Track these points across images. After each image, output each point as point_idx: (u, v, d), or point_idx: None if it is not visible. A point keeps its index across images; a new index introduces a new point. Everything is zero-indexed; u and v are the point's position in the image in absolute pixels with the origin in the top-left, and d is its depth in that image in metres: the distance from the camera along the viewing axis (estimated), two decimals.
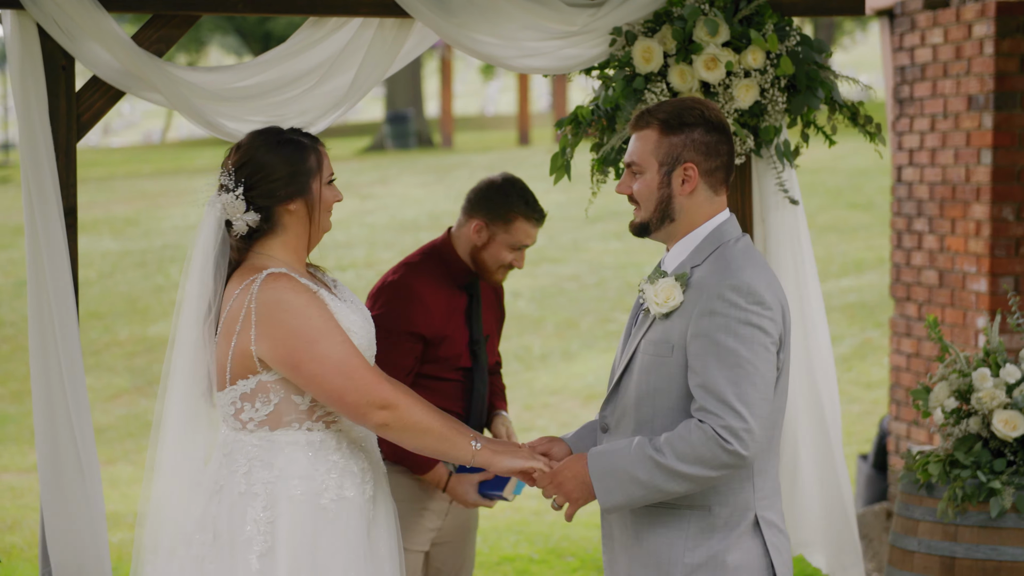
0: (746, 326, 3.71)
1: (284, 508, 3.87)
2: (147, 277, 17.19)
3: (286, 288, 3.85)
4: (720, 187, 3.92)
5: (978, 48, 7.01)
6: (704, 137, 3.88)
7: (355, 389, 3.81)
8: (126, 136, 44.92)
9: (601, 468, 3.76)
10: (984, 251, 6.99)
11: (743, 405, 3.66)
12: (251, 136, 4.01)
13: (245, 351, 3.86)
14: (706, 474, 3.66)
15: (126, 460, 11.71)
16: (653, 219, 3.90)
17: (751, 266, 3.80)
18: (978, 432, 4.97)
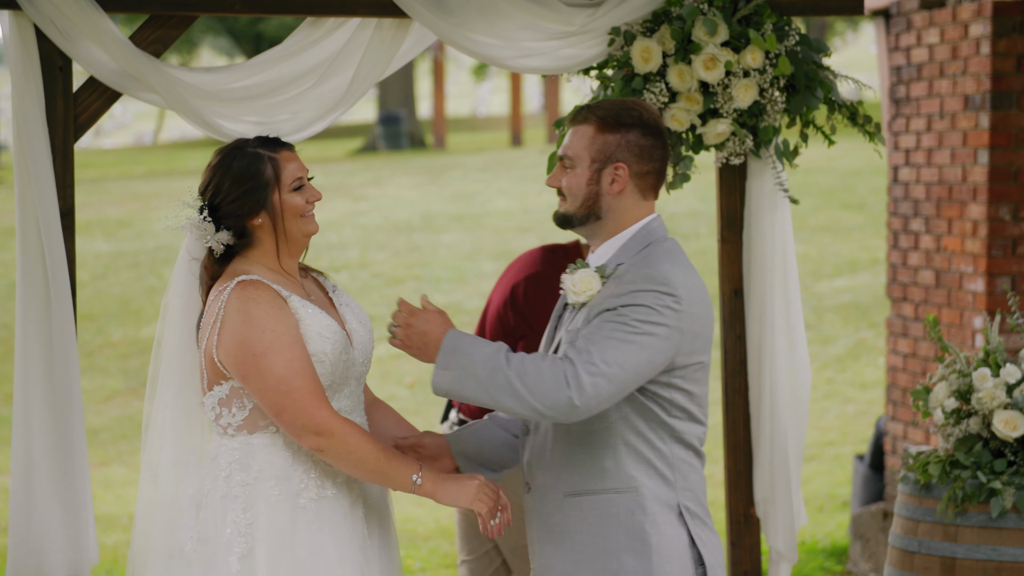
0: (643, 308, 3.72)
1: (262, 509, 3.87)
2: (140, 279, 17.16)
3: (249, 298, 3.86)
4: (650, 192, 3.94)
5: (975, 48, 7.00)
6: (640, 139, 3.90)
7: (291, 410, 3.81)
8: (118, 138, 44.85)
9: (454, 345, 3.74)
10: (981, 251, 6.99)
11: (603, 363, 3.66)
12: (215, 153, 4.04)
13: (212, 358, 3.90)
14: (533, 404, 3.65)
15: (120, 462, 11.69)
16: (578, 214, 3.92)
17: (671, 263, 3.82)
18: (978, 432, 4.96)
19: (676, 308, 3.74)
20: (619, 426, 3.80)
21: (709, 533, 3.88)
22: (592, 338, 3.71)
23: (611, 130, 3.89)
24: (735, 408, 5.22)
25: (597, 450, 3.80)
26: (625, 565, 3.79)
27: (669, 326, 3.73)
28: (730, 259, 5.21)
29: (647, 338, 3.70)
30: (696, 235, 17.36)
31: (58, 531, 4.59)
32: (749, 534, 5.23)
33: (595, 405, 3.66)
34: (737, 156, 5.05)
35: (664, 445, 3.82)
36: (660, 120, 3.94)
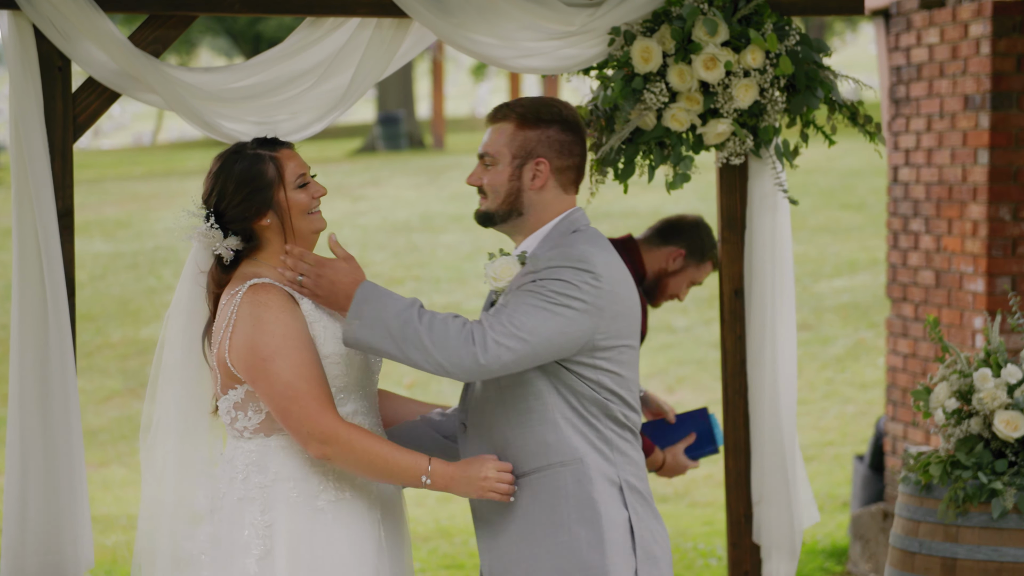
0: (560, 281, 3.75)
1: (281, 510, 3.87)
2: (139, 279, 17.14)
3: (260, 301, 3.85)
4: (570, 186, 3.98)
5: (975, 48, 7.00)
6: (559, 135, 3.94)
7: (296, 415, 3.80)
8: (116, 138, 44.82)
9: (368, 294, 3.77)
10: (981, 251, 6.98)
11: (512, 326, 3.69)
12: (215, 159, 4.03)
13: (225, 362, 3.89)
14: (438, 359, 3.68)
15: (119, 462, 11.68)
16: (500, 210, 3.95)
17: (591, 244, 3.85)
18: (979, 433, 4.95)
19: (595, 284, 3.78)
20: (555, 401, 3.83)
21: (648, 510, 3.90)
22: (506, 305, 3.76)
23: (531, 126, 3.94)
24: (735, 408, 5.21)
25: (537, 427, 3.83)
26: (577, 536, 3.81)
27: (586, 301, 3.76)
28: (730, 259, 5.20)
29: (561, 308, 3.74)
30: None
31: (53, 533, 4.58)
32: (749, 535, 5.22)
33: (498, 366, 3.69)
34: (737, 156, 5.04)
35: (599, 423, 3.86)
36: (579, 117, 3.99)
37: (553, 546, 3.82)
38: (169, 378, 4.04)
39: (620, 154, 5.02)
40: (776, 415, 5.14)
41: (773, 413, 5.14)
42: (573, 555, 3.81)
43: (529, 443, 3.84)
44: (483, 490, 3.82)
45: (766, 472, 5.15)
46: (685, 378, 12.84)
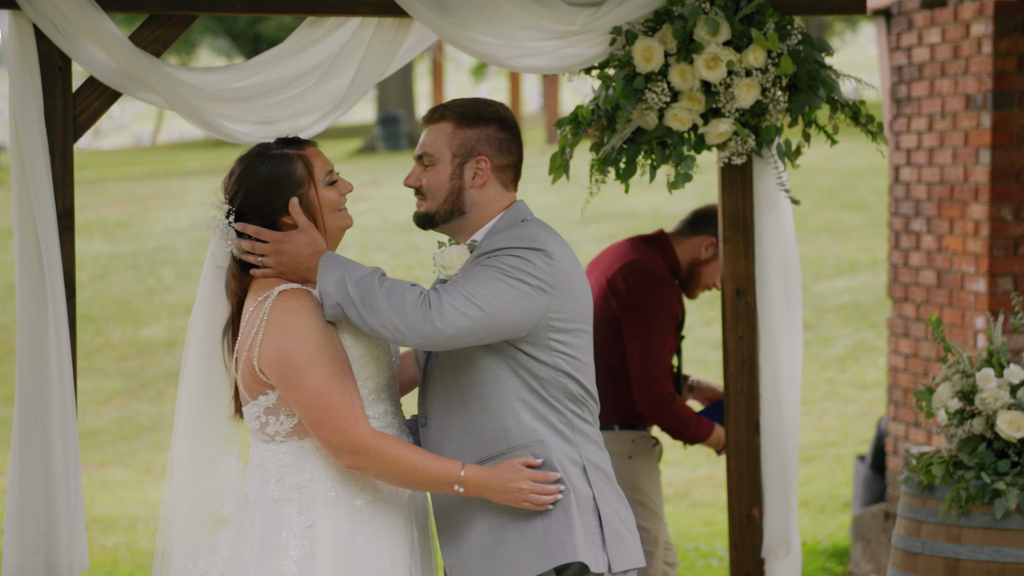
0: (515, 258, 3.78)
1: (321, 511, 3.83)
2: (139, 280, 17.13)
3: (291, 308, 3.81)
4: (510, 184, 4.01)
5: (976, 47, 6.99)
6: (498, 133, 3.97)
7: (328, 425, 3.78)
8: (116, 139, 44.81)
9: (332, 262, 3.80)
10: (983, 251, 6.97)
11: (467, 294, 3.72)
12: (237, 162, 3.99)
13: (254, 369, 3.85)
14: (394, 322, 3.70)
15: (119, 463, 11.67)
16: (441, 210, 3.96)
17: (543, 229, 3.88)
18: (982, 433, 4.94)
19: (548, 263, 3.80)
20: (513, 385, 3.84)
21: (612, 490, 3.91)
22: (462, 277, 3.79)
23: (470, 125, 3.96)
24: (737, 409, 5.20)
25: (495, 412, 3.84)
26: (544, 515, 3.82)
27: (539, 278, 3.79)
28: (733, 259, 5.19)
29: (516, 282, 3.76)
30: None
31: (49, 534, 4.57)
32: (751, 535, 5.21)
33: (454, 331, 3.70)
34: (739, 156, 5.03)
35: (559, 404, 3.87)
36: (514, 117, 4.01)
37: (527, 532, 3.82)
38: (189, 379, 3.99)
39: (621, 154, 5.01)
40: (779, 416, 5.13)
41: (777, 414, 5.13)
42: (542, 534, 3.81)
43: (488, 429, 3.86)
44: (519, 500, 3.82)
45: (769, 473, 5.14)
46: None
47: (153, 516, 9.94)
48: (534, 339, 3.83)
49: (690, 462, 10.85)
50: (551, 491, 3.82)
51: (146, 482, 11.17)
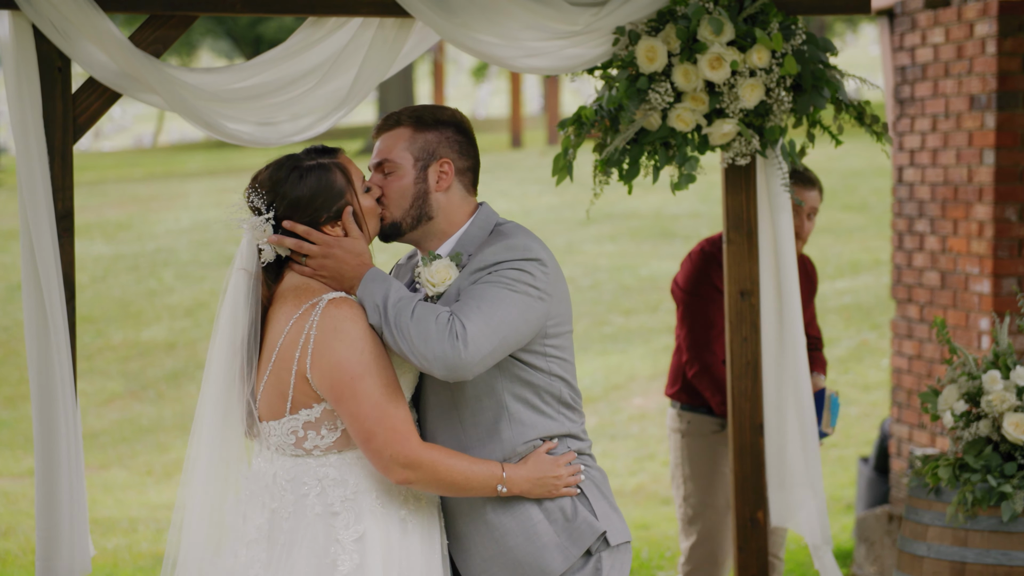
0: (515, 271, 3.75)
1: (370, 522, 3.77)
2: (140, 281, 17.11)
3: (345, 316, 3.74)
4: (471, 188, 3.97)
5: (980, 47, 6.96)
6: (456, 136, 3.94)
7: (382, 438, 3.71)
8: (117, 140, 44.82)
9: (376, 276, 3.76)
10: (987, 252, 6.94)
11: (486, 320, 3.67)
12: (270, 172, 3.87)
13: (304, 379, 3.76)
14: (421, 351, 3.65)
15: (120, 465, 11.65)
16: (407, 218, 3.91)
17: (527, 236, 3.85)
18: (988, 435, 4.92)
19: (544, 271, 3.79)
20: (508, 396, 3.83)
21: (598, 493, 3.89)
22: (472, 297, 3.73)
23: (429, 129, 3.92)
24: (741, 412, 5.17)
25: (492, 425, 3.83)
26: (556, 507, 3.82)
27: (539, 288, 3.77)
28: (736, 260, 5.16)
29: (522, 296, 3.74)
30: (697, 236, 17.32)
31: (52, 539, 4.56)
32: (756, 538, 5.18)
33: (478, 360, 3.67)
34: (743, 156, 5.01)
35: (553, 410, 3.86)
36: (468, 121, 3.99)
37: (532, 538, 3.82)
38: (213, 391, 3.86)
39: (625, 154, 4.99)
40: (783, 417, 5.10)
41: (784, 416, 5.10)
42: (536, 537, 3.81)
43: (486, 442, 3.84)
44: (556, 489, 3.82)
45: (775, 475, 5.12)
46: None
47: (154, 518, 9.92)
48: (530, 346, 3.82)
49: None
50: (577, 469, 3.84)
51: (147, 484, 11.15)
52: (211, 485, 3.86)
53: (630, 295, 15.33)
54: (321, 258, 3.80)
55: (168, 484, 11.10)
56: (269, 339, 3.82)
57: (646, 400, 12.42)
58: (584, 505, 3.84)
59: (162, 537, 9.35)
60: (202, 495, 3.86)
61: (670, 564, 8.30)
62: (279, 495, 3.81)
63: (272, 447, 3.84)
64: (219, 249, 18.22)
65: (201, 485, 3.86)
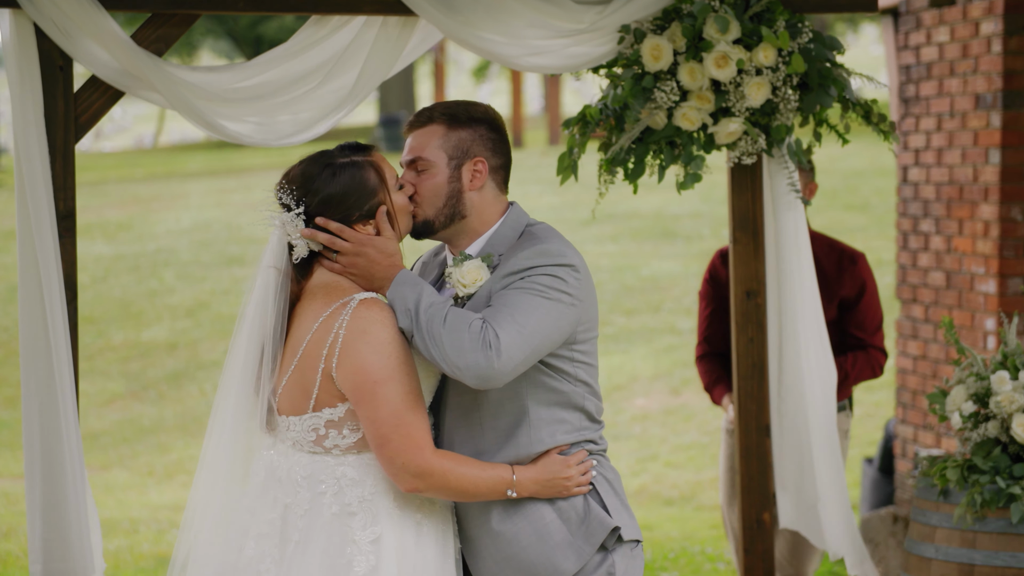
0: (548, 276, 3.71)
1: (386, 524, 3.74)
2: (141, 281, 17.08)
3: (376, 318, 3.70)
4: (504, 186, 3.93)
5: (985, 46, 6.93)
6: (489, 133, 3.89)
7: (396, 444, 3.68)
8: (118, 140, 44.81)
9: (408, 278, 3.72)
10: (992, 252, 6.91)
11: (519, 328, 3.63)
12: (302, 168, 3.82)
13: (330, 378, 3.73)
14: (453, 360, 3.61)
15: (121, 466, 11.62)
16: (440, 217, 3.86)
17: (558, 240, 3.81)
18: (997, 436, 4.89)
19: (576, 277, 3.75)
20: (531, 403, 3.79)
21: (615, 476, 3.88)
22: (505, 305, 3.69)
23: (462, 126, 3.87)
24: (748, 412, 5.14)
25: (511, 431, 3.79)
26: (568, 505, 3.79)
27: (572, 294, 3.73)
28: (742, 260, 5.13)
29: (555, 303, 3.70)
30: (699, 236, 17.29)
31: (57, 541, 4.53)
32: (762, 540, 5.15)
33: (510, 369, 3.64)
34: (749, 156, 4.98)
35: (572, 416, 3.83)
36: (501, 117, 3.93)
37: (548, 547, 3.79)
38: (234, 386, 3.81)
39: (630, 154, 4.96)
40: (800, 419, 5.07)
41: (794, 416, 5.07)
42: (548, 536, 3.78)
43: (503, 446, 3.81)
44: (567, 490, 3.79)
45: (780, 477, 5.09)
46: (690, 380, 12.78)
47: (156, 519, 9.89)
48: (558, 351, 3.78)
49: (694, 464, 10.80)
50: (588, 467, 3.81)
51: (148, 485, 11.12)
52: (229, 478, 3.82)
53: (632, 295, 15.29)
54: (352, 256, 3.76)
55: (170, 485, 11.08)
56: (295, 335, 3.78)
57: (648, 401, 12.39)
58: (596, 501, 3.81)
59: (164, 538, 9.33)
60: (219, 489, 3.81)
61: (673, 565, 8.27)
62: (294, 491, 3.77)
63: (289, 441, 3.80)
64: (220, 249, 18.20)
65: (218, 478, 3.81)
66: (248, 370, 3.80)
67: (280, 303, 3.81)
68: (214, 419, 3.84)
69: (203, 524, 3.82)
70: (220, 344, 14.75)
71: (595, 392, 3.88)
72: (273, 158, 28.40)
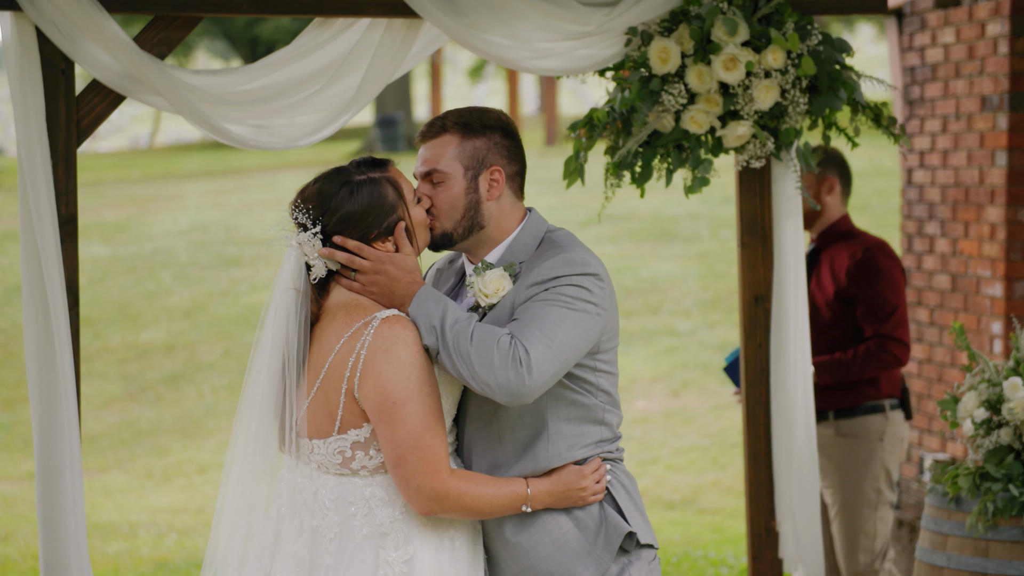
0: (574, 287, 3.66)
1: (419, 545, 3.69)
2: (138, 283, 17.03)
3: (399, 338, 3.64)
4: (520, 192, 3.86)
5: (992, 47, 6.89)
6: (504, 141, 3.82)
7: (413, 467, 3.62)
8: (114, 141, 44.76)
9: (431, 295, 3.66)
10: (999, 255, 6.87)
11: (548, 343, 3.59)
12: (318, 186, 3.76)
13: (353, 398, 3.67)
14: (483, 378, 3.57)
15: (119, 468, 11.58)
16: (459, 229, 3.80)
17: (580, 247, 3.76)
18: (1009, 444, 4.84)
19: (601, 286, 3.71)
20: (548, 418, 3.74)
21: (631, 482, 3.84)
22: (533, 319, 3.64)
23: (477, 134, 3.80)
24: (755, 419, 5.09)
25: (530, 444, 3.74)
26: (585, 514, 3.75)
27: (597, 304, 3.69)
28: (750, 265, 5.09)
29: (581, 314, 3.66)
30: (697, 238, 17.26)
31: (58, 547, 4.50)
32: (770, 548, 5.10)
33: (540, 384, 3.59)
34: (758, 159, 4.93)
35: (592, 429, 3.78)
36: (514, 123, 3.87)
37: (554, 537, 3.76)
38: (255, 409, 3.75)
39: (637, 157, 4.92)
40: (792, 425, 5.04)
41: (793, 422, 5.04)
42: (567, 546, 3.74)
43: (520, 458, 3.76)
44: (583, 500, 3.75)
45: (793, 483, 5.04)
46: (690, 382, 12.74)
47: (154, 523, 9.84)
48: (581, 360, 3.73)
49: (695, 468, 10.76)
50: (603, 475, 3.77)
51: (147, 488, 11.07)
52: (254, 506, 3.76)
53: (631, 297, 15.25)
54: (372, 274, 3.70)
55: (168, 488, 11.03)
56: (317, 356, 3.72)
57: (648, 403, 12.35)
58: (612, 507, 3.76)
59: (163, 542, 9.29)
60: (244, 518, 3.74)
61: (676, 570, 8.22)
62: (322, 514, 3.71)
63: (314, 464, 3.74)
64: (217, 251, 18.15)
65: (243, 506, 3.75)
66: (269, 395, 3.74)
67: (301, 325, 3.74)
68: (236, 446, 3.77)
69: (229, 553, 3.75)
70: (218, 346, 14.70)
71: (615, 402, 3.83)
72: (269, 159, 28.35)
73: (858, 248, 5.90)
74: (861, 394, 5.85)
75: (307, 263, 3.73)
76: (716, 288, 15.12)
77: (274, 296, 3.75)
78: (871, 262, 5.85)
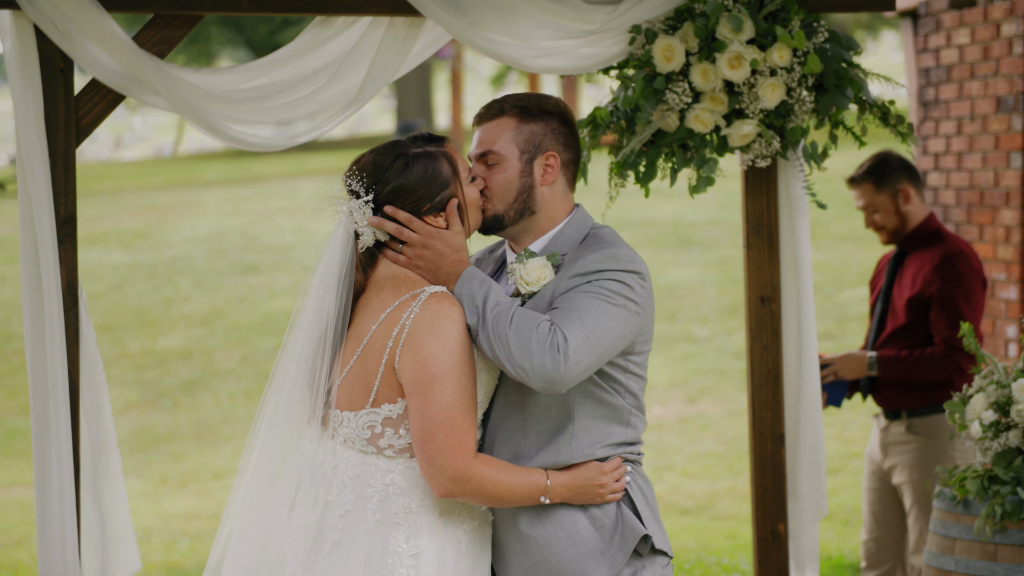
0: (616, 282, 3.64)
1: (427, 540, 3.66)
2: (157, 290, 17.06)
3: (446, 313, 3.62)
4: (572, 183, 3.85)
5: (1007, 48, 6.83)
6: (561, 127, 3.82)
7: (440, 444, 3.59)
8: (137, 150, 44.97)
9: (476, 275, 3.65)
10: (1014, 258, 6.81)
11: (587, 333, 3.57)
12: (374, 157, 3.74)
13: (392, 370, 3.64)
14: (519, 362, 3.54)
15: (135, 474, 11.58)
16: (511, 212, 3.79)
17: (625, 245, 3.75)
18: (1018, 446, 4.78)
19: (643, 286, 3.70)
20: (575, 412, 3.72)
21: (647, 485, 3.81)
22: (573, 308, 3.62)
23: (535, 119, 3.79)
24: (762, 421, 5.04)
25: (553, 440, 3.72)
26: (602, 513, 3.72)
27: (638, 303, 3.68)
28: (756, 266, 5.04)
29: (621, 310, 3.64)
30: (716, 244, 17.20)
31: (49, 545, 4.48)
32: (777, 551, 5.05)
33: (576, 373, 3.57)
34: (763, 159, 4.88)
35: (616, 428, 3.76)
36: (572, 111, 3.85)
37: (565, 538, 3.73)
38: (289, 377, 3.73)
39: (641, 157, 4.88)
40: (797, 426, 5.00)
41: (801, 424, 5.00)
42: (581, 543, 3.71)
43: (543, 451, 3.73)
44: (602, 497, 3.72)
45: (799, 485, 5.00)
46: (707, 388, 12.68)
47: (168, 528, 9.83)
48: (614, 359, 3.71)
49: (711, 474, 10.71)
50: (622, 474, 3.74)
51: (161, 494, 11.07)
52: (277, 475, 3.74)
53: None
54: (420, 248, 3.69)
55: (183, 494, 11.02)
56: (359, 326, 3.70)
57: (665, 409, 12.30)
58: (630, 508, 3.73)
59: (175, 548, 9.27)
60: (266, 485, 3.73)
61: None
62: (338, 489, 3.68)
63: (340, 438, 3.71)
64: (236, 258, 18.17)
65: (267, 474, 3.73)
66: (304, 362, 3.72)
67: (344, 292, 3.72)
68: (265, 412, 3.75)
69: (247, 520, 3.73)
70: (235, 352, 14.70)
71: (641, 407, 3.81)
72: (290, 166, 28.41)
73: (939, 253, 5.89)
74: (936, 395, 5.90)
75: (356, 231, 3.72)
76: (734, 295, 15.06)
77: (321, 263, 3.73)
78: (950, 269, 5.85)
